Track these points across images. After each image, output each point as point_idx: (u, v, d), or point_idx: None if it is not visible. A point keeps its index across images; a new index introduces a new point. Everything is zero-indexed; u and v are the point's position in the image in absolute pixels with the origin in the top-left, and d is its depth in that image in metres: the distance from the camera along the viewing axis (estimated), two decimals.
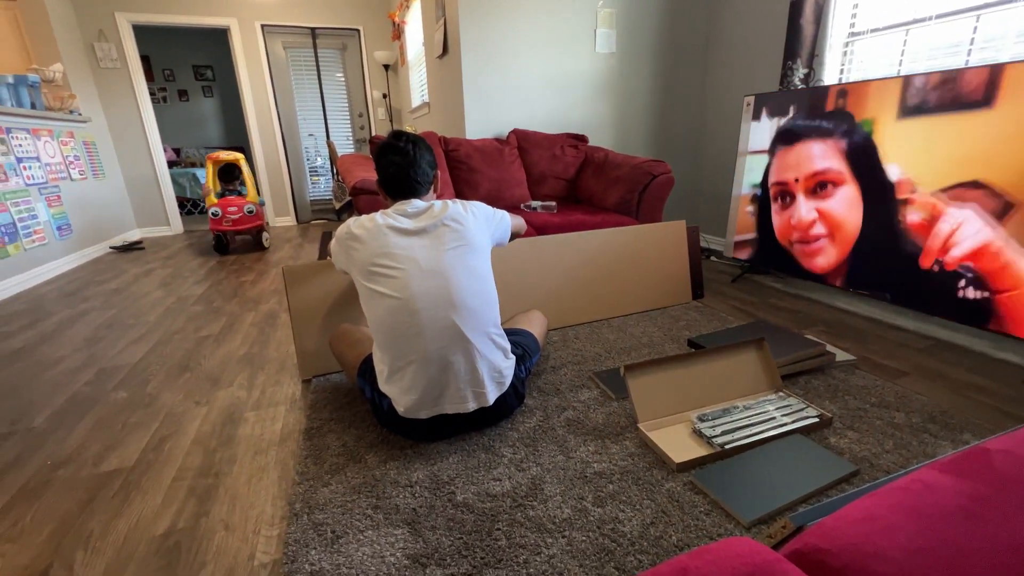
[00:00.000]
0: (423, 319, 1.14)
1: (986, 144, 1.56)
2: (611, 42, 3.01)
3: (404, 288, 1.15)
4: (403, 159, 1.24)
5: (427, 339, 1.15)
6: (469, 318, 1.17)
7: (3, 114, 2.93)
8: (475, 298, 1.19)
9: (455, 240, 1.20)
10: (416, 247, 1.18)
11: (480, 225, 1.27)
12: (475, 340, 1.18)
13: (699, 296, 2.28)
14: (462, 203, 1.27)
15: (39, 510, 1.08)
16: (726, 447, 1.15)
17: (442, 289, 1.16)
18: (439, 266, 1.17)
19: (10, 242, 2.85)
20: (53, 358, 1.88)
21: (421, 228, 1.19)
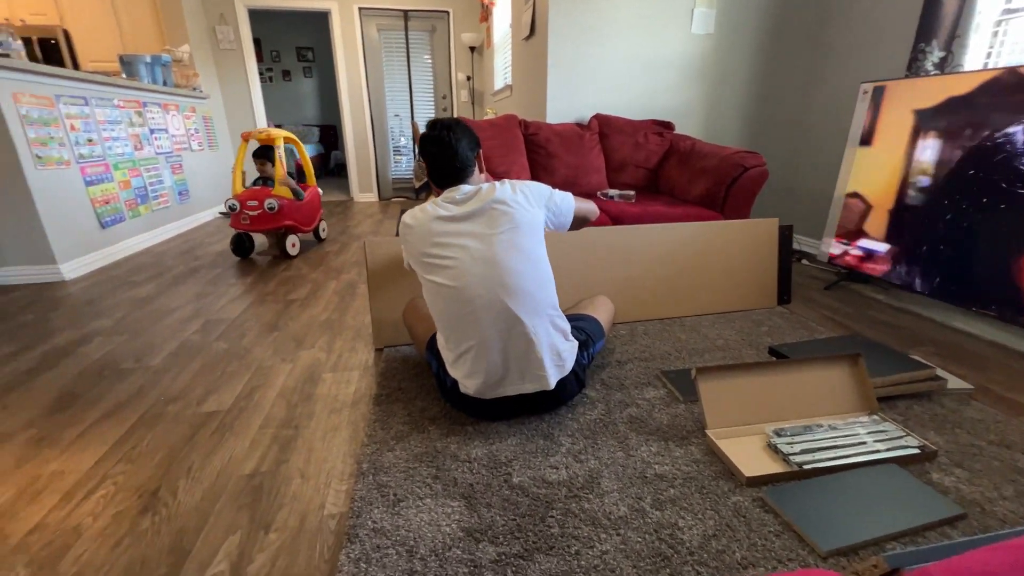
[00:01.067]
0: (478, 305, 1.15)
1: None
2: (709, 22, 2.81)
3: (458, 276, 1.16)
4: (440, 148, 1.23)
5: (484, 325, 1.16)
6: (524, 301, 1.17)
7: (141, 90, 3.33)
8: (529, 281, 1.18)
9: (505, 223, 1.18)
10: (466, 233, 1.18)
11: (531, 204, 1.24)
12: (532, 323, 1.17)
13: (785, 301, 2.10)
14: (511, 183, 1.25)
15: (153, 438, 1.24)
16: (804, 467, 1.06)
17: (495, 274, 1.16)
18: (490, 252, 1.16)
19: (141, 203, 3.26)
20: (170, 307, 2.14)
21: (469, 213, 1.19)
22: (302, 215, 3.01)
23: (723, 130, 3.06)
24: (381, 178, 5.36)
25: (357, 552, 0.88)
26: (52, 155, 2.50)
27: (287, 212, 2.87)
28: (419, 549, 0.89)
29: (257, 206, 2.78)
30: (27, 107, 2.36)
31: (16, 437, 1.24)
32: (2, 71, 2.22)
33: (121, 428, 1.28)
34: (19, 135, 2.30)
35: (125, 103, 3.16)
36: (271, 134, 2.95)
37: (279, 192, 2.88)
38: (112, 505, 1.02)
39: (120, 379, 1.53)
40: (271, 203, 2.77)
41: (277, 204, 2.78)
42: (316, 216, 3.21)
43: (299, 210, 2.97)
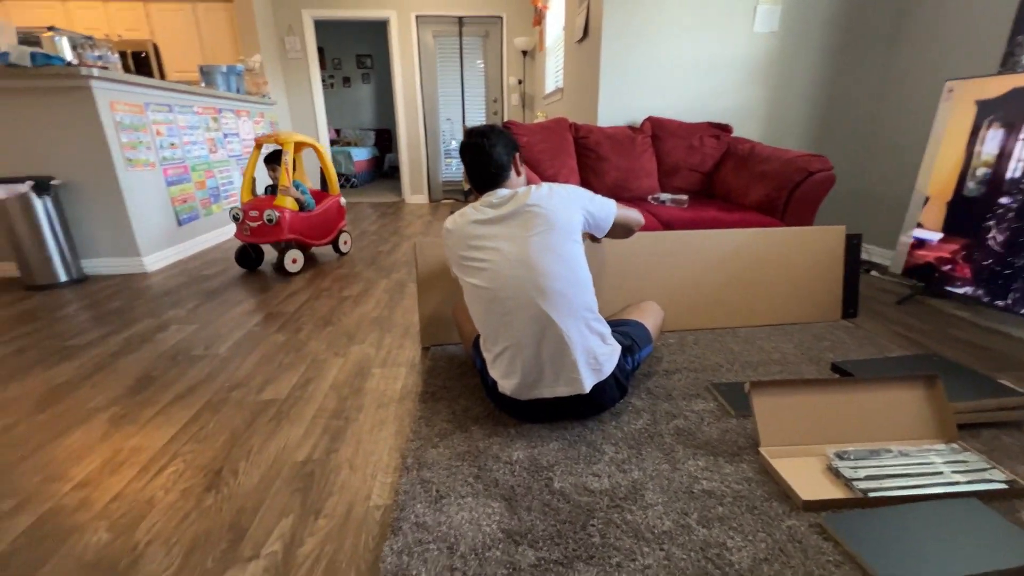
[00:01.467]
0: (512, 307, 1.16)
1: None
2: (774, 20, 2.68)
3: (492, 278, 1.17)
4: (475, 155, 1.26)
5: (518, 326, 1.16)
6: (558, 303, 1.16)
7: (218, 97, 3.59)
8: (562, 282, 1.17)
9: (539, 225, 1.18)
10: (501, 236, 1.19)
11: (567, 206, 1.23)
12: (565, 325, 1.16)
13: (851, 315, 1.96)
14: (548, 186, 1.24)
15: (218, 421, 1.33)
16: (869, 494, 0.99)
17: (528, 276, 1.15)
18: (524, 253, 1.16)
19: (214, 202, 3.52)
20: (236, 300, 2.29)
21: (504, 215, 1.20)
22: (311, 228, 2.76)
23: (785, 133, 2.90)
24: (432, 180, 5.50)
25: (400, 544, 0.91)
26: (140, 157, 2.74)
27: (291, 224, 2.61)
28: (459, 547, 0.90)
29: (258, 216, 2.56)
30: (121, 114, 2.60)
31: (102, 413, 1.37)
32: (102, 82, 2.47)
33: (190, 410, 1.38)
34: (114, 139, 2.54)
35: (203, 110, 3.43)
36: (281, 137, 2.68)
37: (281, 202, 2.61)
38: (181, 481, 1.10)
39: (191, 365, 1.65)
40: (270, 214, 2.54)
41: (276, 216, 2.54)
42: (333, 228, 2.98)
43: (307, 222, 2.73)
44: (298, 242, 2.73)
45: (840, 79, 2.80)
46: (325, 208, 2.90)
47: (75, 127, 2.45)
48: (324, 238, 2.89)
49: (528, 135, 2.57)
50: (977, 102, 1.91)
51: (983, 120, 1.88)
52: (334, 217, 3.00)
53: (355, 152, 6.70)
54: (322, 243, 2.86)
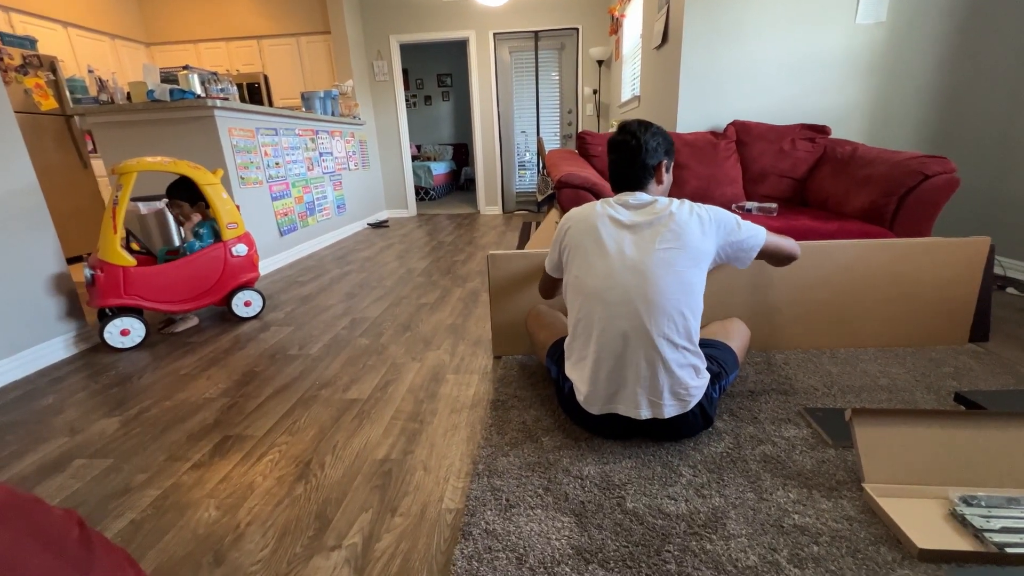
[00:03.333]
0: (613, 312, 1.12)
1: None
2: (880, 9, 2.43)
3: (605, 277, 1.14)
4: (622, 153, 1.22)
5: (611, 334, 1.13)
6: (661, 323, 1.10)
7: (316, 120, 3.95)
8: (673, 304, 1.11)
9: (670, 240, 1.12)
10: (626, 240, 1.15)
11: (704, 233, 1.16)
12: (663, 349, 1.11)
13: (980, 338, 1.70)
14: (690, 204, 1.18)
15: (308, 417, 1.44)
16: (1006, 549, 0.84)
17: (640, 286, 1.11)
18: (644, 263, 1.12)
19: (310, 215, 3.86)
20: (326, 305, 2.48)
21: (636, 223, 1.16)
22: (157, 288, 2.02)
23: (895, 133, 2.61)
24: (506, 192, 5.61)
25: (470, 550, 0.92)
26: (251, 176, 3.08)
27: (124, 284, 1.94)
28: (528, 558, 0.89)
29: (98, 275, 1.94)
30: (237, 138, 2.95)
31: (215, 403, 1.54)
32: (224, 111, 2.82)
33: (286, 405, 1.52)
34: (231, 160, 2.89)
35: (303, 132, 3.79)
36: (128, 165, 1.95)
37: (109, 255, 1.92)
38: (277, 469, 1.21)
39: (287, 363, 1.81)
40: (87, 272, 1.98)
41: (91, 274, 1.96)
42: (213, 287, 2.17)
43: (151, 280, 2.01)
44: (130, 308, 2.01)
45: (962, 69, 2.47)
46: (192, 262, 2.11)
47: (203, 150, 2.82)
48: (192, 301, 2.12)
49: (603, 145, 2.55)
50: None
51: None
52: (211, 272, 2.17)
53: (434, 166, 7.03)
54: (183, 308, 2.10)
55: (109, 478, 1.20)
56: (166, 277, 2.06)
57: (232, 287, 2.24)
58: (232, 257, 2.23)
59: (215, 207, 2.17)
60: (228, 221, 2.21)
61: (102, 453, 1.30)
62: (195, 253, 2.14)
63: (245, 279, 2.28)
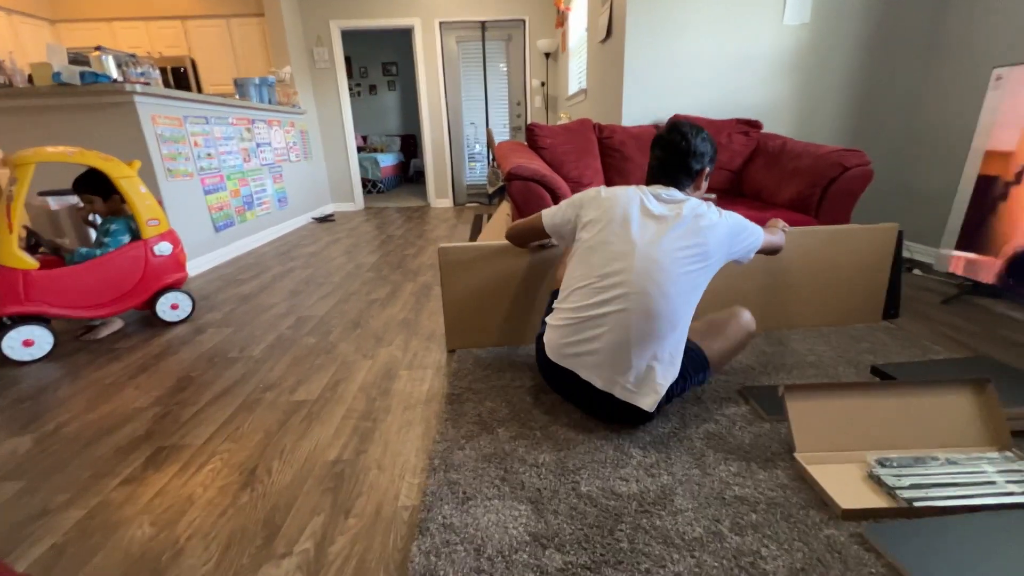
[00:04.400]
0: (615, 293, 1.15)
1: None
2: (804, 11, 2.60)
3: (618, 258, 1.17)
4: (669, 153, 1.24)
5: (607, 311, 1.16)
6: (659, 319, 1.13)
7: (251, 108, 3.73)
8: (676, 303, 1.14)
9: (692, 241, 1.16)
10: (650, 230, 1.18)
11: (721, 245, 1.20)
12: (651, 342, 1.14)
13: (892, 316, 1.88)
14: (718, 212, 1.22)
15: (252, 422, 1.38)
16: (914, 503, 0.94)
17: (650, 278, 1.14)
18: (660, 257, 1.15)
19: (247, 210, 3.64)
20: (268, 303, 2.36)
21: (664, 216, 1.19)
22: (65, 293, 1.84)
23: (819, 128, 2.81)
24: (456, 184, 5.55)
25: (428, 545, 0.91)
26: (179, 168, 2.87)
27: (24, 289, 1.76)
28: (486, 549, 0.90)
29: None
30: (162, 127, 2.73)
31: (146, 412, 1.43)
32: (144, 97, 2.59)
33: (227, 410, 1.43)
34: (155, 151, 2.67)
35: (237, 121, 3.56)
36: (20, 156, 1.74)
37: (5, 256, 1.72)
38: (219, 478, 1.14)
39: (227, 366, 1.71)
40: None
41: None
42: (139, 288, 2.00)
43: (58, 285, 1.82)
44: (31, 315, 1.79)
45: (878, 70, 2.70)
46: (106, 263, 1.92)
47: (120, 140, 2.58)
48: (107, 306, 1.93)
49: (552, 137, 2.57)
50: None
51: None
52: (130, 274, 1.99)
53: (381, 158, 6.83)
54: (97, 314, 1.91)
55: (22, 501, 1.09)
56: (76, 280, 1.86)
57: (156, 289, 2.07)
58: (154, 256, 2.06)
59: (132, 202, 1.98)
60: (148, 217, 2.03)
61: (14, 475, 1.18)
62: (109, 253, 1.94)
63: (171, 280, 2.12)
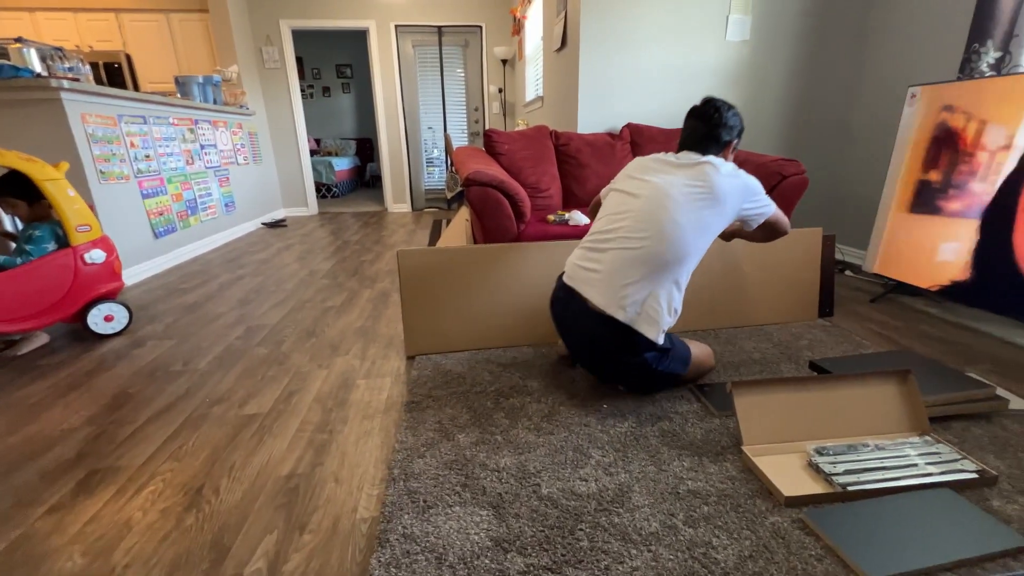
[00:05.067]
0: (624, 224, 1.31)
1: None
2: (745, 29, 2.76)
3: (633, 195, 1.34)
4: (700, 121, 1.35)
5: (616, 236, 1.31)
6: (666, 250, 1.25)
7: (194, 108, 3.54)
8: (684, 239, 1.26)
9: (703, 184, 1.27)
10: (666, 173, 1.33)
11: (736, 191, 1.29)
12: (655, 271, 1.26)
13: (827, 314, 2.02)
14: (734, 168, 1.31)
15: (198, 439, 1.30)
16: (848, 488, 1.01)
17: (663, 210, 1.27)
18: (672, 194, 1.28)
19: (191, 215, 3.45)
20: (215, 313, 2.25)
21: (681, 164, 1.33)
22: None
23: (761, 139, 2.98)
24: (414, 189, 5.49)
25: (387, 557, 0.90)
26: (114, 170, 2.68)
27: None
28: (448, 556, 0.89)
29: None
30: (93, 126, 2.55)
31: (77, 433, 1.33)
32: (73, 94, 2.41)
33: (169, 427, 1.35)
34: (86, 152, 2.49)
35: (179, 121, 3.37)
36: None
37: None
38: (160, 501, 1.07)
39: (169, 381, 1.61)
40: None
41: None
42: (67, 299, 1.87)
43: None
44: None
45: (810, 85, 2.90)
46: (29, 272, 1.77)
47: (46, 140, 2.39)
48: (30, 319, 1.78)
49: (509, 143, 2.60)
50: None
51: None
52: (57, 284, 1.84)
53: (336, 162, 6.65)
54: (24, 327, 1.77)
55: None
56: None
57: (87, 300, 1.92)
58: (85, 265, 1.91)
59: (59, 207, 1.83)
60: (78, 223, 1.88)
61: None
62: (33, 262, 1.78)
63: (104, 290, 1.97)
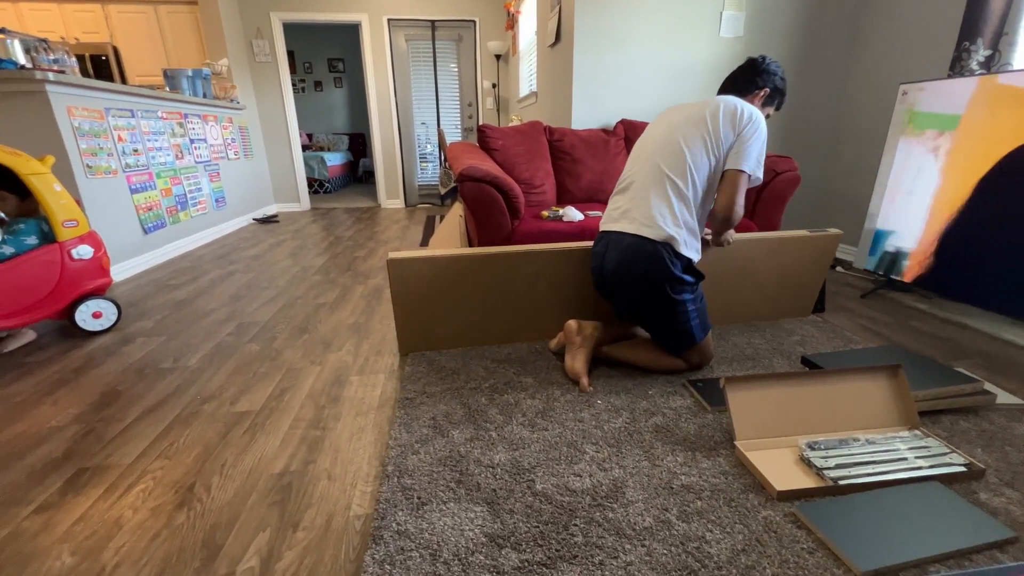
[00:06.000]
0: (639, 161, 1.48)
1: None
2: (738, 25, 2.76)
3: (646, 137, 1.51)
4: (742, 65, 1.51)
5: (635, 169, 1.49)
6: (668, 162, 1.40)
7: (183, 102, 3.49)
8: (684, 159, 1.38)
9: (705, 115, 1.39)
10: (678, 112, 1.47)
11: (732, 124, 1.38)
12: (668, 191, 1.39)
13: (819, 310, 2.03)
14: (744, 105, 1.39)
15: (189, 436, 1.29)
16: (840, 482, 1.02)
17: (670, 138, 1.42)
18: (676, 125, 1.43)
19: (181, 210, 3.41)
20: (206, 310, 2.22)
21: (695, 103, 1.45)
22: None
23: None
24: (407, 185, 5.45)
25: (382, 554, 0.89)
26: (101, 164, 2.64)
27: None
28: (442, 553, 0.89)
29: None
30: (79, 119, 2.50)
31: (65, 431, 1.31)
32: (58, 86, 2.37)
33: (160, 425, 1.34)
34: (72, 146, 2.44)
35: (168, 115, 3.32)
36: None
37: None
38: (151, 499, 1.06)
39: (159, 378, 1.60)
40: None
41: None
42: (54, 295, 1.83)
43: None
44: None
45: (803, 82, 2.91)
46: (13, 268, 1.73)
47: (31, 134, 2.34)
48: (16, 315, 1.75)
49: (503, 139, 2.58)
50: None
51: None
52: (43, 280, 1.81)
53: (329, 157, 6.59)
54: (10, 324, 1.73)
55: None
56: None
57: (75, 296, 1.89)
58: (72, 261, 1.88)
59: (45, 202, 1.81)
60: (64, 218, 1.85)
61: None
62: (17, 257, 1.75)
63: (92, 286, 1.94)
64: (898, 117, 2.13)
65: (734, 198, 1.36)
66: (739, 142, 1.37)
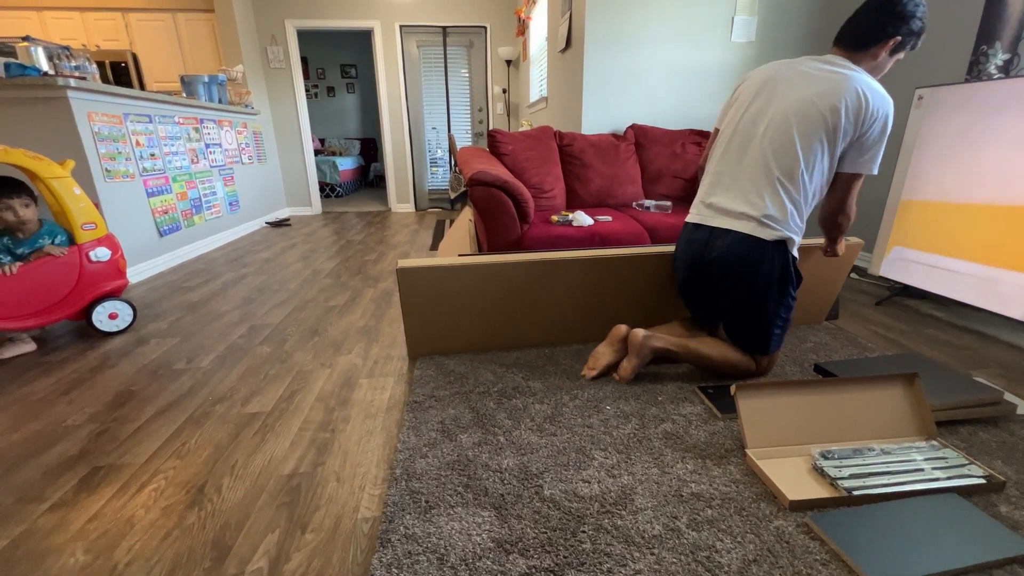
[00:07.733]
0: (734, 140, 1.37)
1: None
2: (750, 30, 2.75)
3: (745, 107, 1.37)
4: (864, 7, 1.23)
5: (730, 152, 1.38)
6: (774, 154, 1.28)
7: (199, 107, 3.56)
8: (791, 160, 1.26)
9: (825, 89, 1.21)
10: (785, 81, 1.29)
11: (854, 118, 1.19)
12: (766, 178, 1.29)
13: (832, 317, 2.00)
14: (870, 104, 1.18)
15: (201, 437, 1.30)
16: (854, 492, 1.00)
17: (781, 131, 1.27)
18: (785, 107, 1.27)
19: (196, 213, 3.47)
20: (219, 312, 2.25)
21: (807, 73, 1.27)
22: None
23: None
24: (418, 189, 5.49)
25: (389, 557, 0.89)
26: (119, 168, 2.69)
27: None
28: (450, 557, 0.89)
29: None
30: (99, 124, 2.56)
31: (80, 430, 1.33)
32: (80, 92, 2.42)
33: (172, 425, 1.35)
34: (92, 150, 2.50)
35: (184, 120, 3.39)
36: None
37: None
38: (162, 499, 1.07)
39: (173, 379, 1.62)
40: None
41: None
42: (72, 296, 1.88)
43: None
44: None
45: None
46: (34, 269, 1.77)
47: (53, 138, 2.40)
48: (35, 316, 1.79)
49: (513, 143, 2.59)
50: None
51: None
52: (62, 282, 1.85)
53: (340, 161, 6.67)
54: (29, 324, 1.78)
55: None
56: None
57: (92, 298, 1.92)
58: (90, 263, 1.92)
59: (65, 206, 1.85)
60: (83, 221, 1.90)
61: None
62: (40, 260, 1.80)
63: (109, 288, 1.98)
64: (914, 122, 2.10)
65: (846, 202, 1.33)
66: (860, 141, 1.23)
